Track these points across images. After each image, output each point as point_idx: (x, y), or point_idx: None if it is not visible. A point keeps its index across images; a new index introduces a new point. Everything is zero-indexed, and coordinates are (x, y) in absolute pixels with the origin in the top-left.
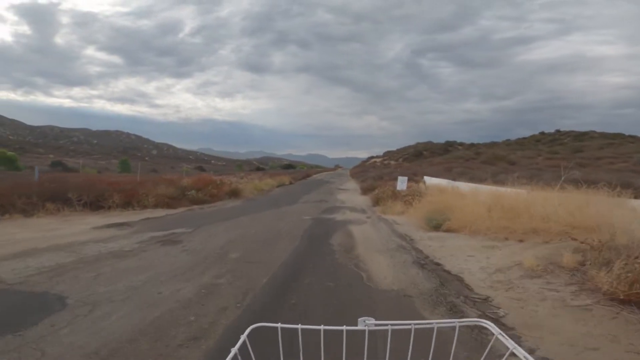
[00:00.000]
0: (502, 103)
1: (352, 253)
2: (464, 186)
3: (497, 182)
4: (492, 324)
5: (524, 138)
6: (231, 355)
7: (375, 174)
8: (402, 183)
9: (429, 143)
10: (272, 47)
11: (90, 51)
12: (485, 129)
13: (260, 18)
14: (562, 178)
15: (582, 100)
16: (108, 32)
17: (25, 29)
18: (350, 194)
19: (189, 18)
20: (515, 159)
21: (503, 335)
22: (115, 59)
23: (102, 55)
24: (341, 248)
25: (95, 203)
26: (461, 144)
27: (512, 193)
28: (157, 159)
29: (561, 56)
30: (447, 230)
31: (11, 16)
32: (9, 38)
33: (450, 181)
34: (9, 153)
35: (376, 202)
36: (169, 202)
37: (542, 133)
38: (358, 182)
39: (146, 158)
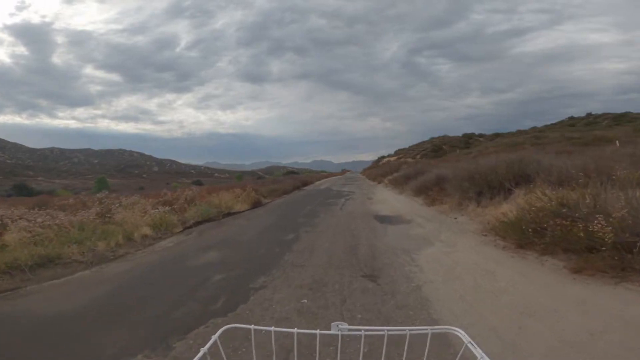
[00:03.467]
0: (503, 96)
1: None
2: None
3: None
4: (464, 332)
5: (553, 124)
6: (199, 355)
7: (441, 174)
8: None
9: (445, 137)
10: (269, 56)
11: (89, 70)
12: (489, 122)
13: (254, 28)
14: None
15: (584, 88)
16: (104, 50)
17: (22, 49)
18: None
19: (184, 32)
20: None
21: (472, 344)
22: (115, 76)
23: (101, 74)
24: None
25: None
26: (481, 136)
27: None
28: (156, 175)
29: (557, 46)
30: None
31: (7, 37)
32: (7, 60)
33: None
34: None
35: None
36: None
37: (572, 118)
38: (413, 193)
39: (144, 175)
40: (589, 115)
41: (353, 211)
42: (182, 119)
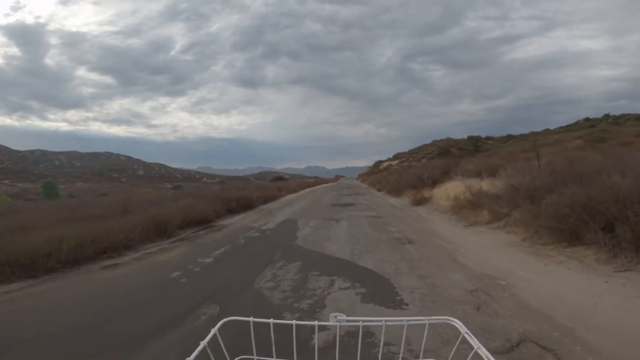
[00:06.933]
0: (495, 102)
1: None
2: None
3: None
4: (460, 323)
5: (568, 125)
6: (199, 348)
7: None
8: None
9: (450, 140)
10: (264, 60)
11: (82, 72)
12: (481, 128)
13: (250, 32)
14: None
15: (573, 95)
16: (98, 52)
17: (15, 50)
18: None
19: (179, 35)
20: None
21: (469, 335)
22: (108, 79)
23: (94, 76)
24: None
25: None
26: (489, 138)
27: None
28: (139, 179)
29: (547, 53)
30: None
31: (0, 37)
32: (0, 60)
33: None
34: None
35: None
36: None
37: (588, 119)
38: None
39: (123, 179)
40: (607, 116)
41: None
42: (175, 123)
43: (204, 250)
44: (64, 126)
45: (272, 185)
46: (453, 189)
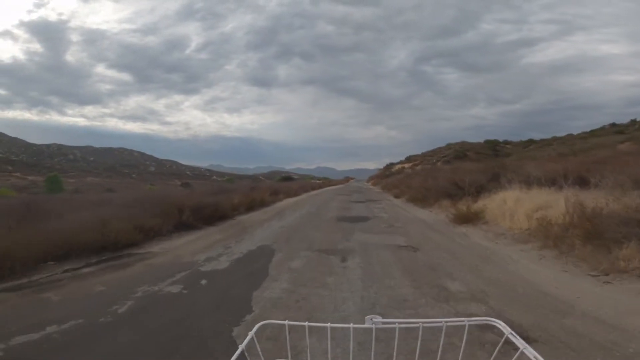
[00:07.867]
0: (510, 107)
1: None
2: None
3: None
4: (503, 323)
5: (593, 130)
6: (238, 352)
7: None
8: None
9: (465, 143)
10: (277, 60)
11: (100, 69)
12: (494, 133)
13: (263, 32)
14: None
15: (591, 101)
16: (117, 50)
17: (37, 47)
18: None
19: (194, 34)
20: None
21: (514, 335)
22: (125, 76)
23: (112, 73)
24: None
25: None
26: (507, 142)
27: None
28: (150, 176)
29: (565, 57)
30: None
31: (22, 34)
32: (22, 56)
33: None
34: None
35: None
36: None
37: (614, 124)
38: None
39: (133, 175)
40: (633, 121)
41: None
42: (188, 121)
43: None
44: (81, 121)
45: (267, 187)
46: (515, 201)
